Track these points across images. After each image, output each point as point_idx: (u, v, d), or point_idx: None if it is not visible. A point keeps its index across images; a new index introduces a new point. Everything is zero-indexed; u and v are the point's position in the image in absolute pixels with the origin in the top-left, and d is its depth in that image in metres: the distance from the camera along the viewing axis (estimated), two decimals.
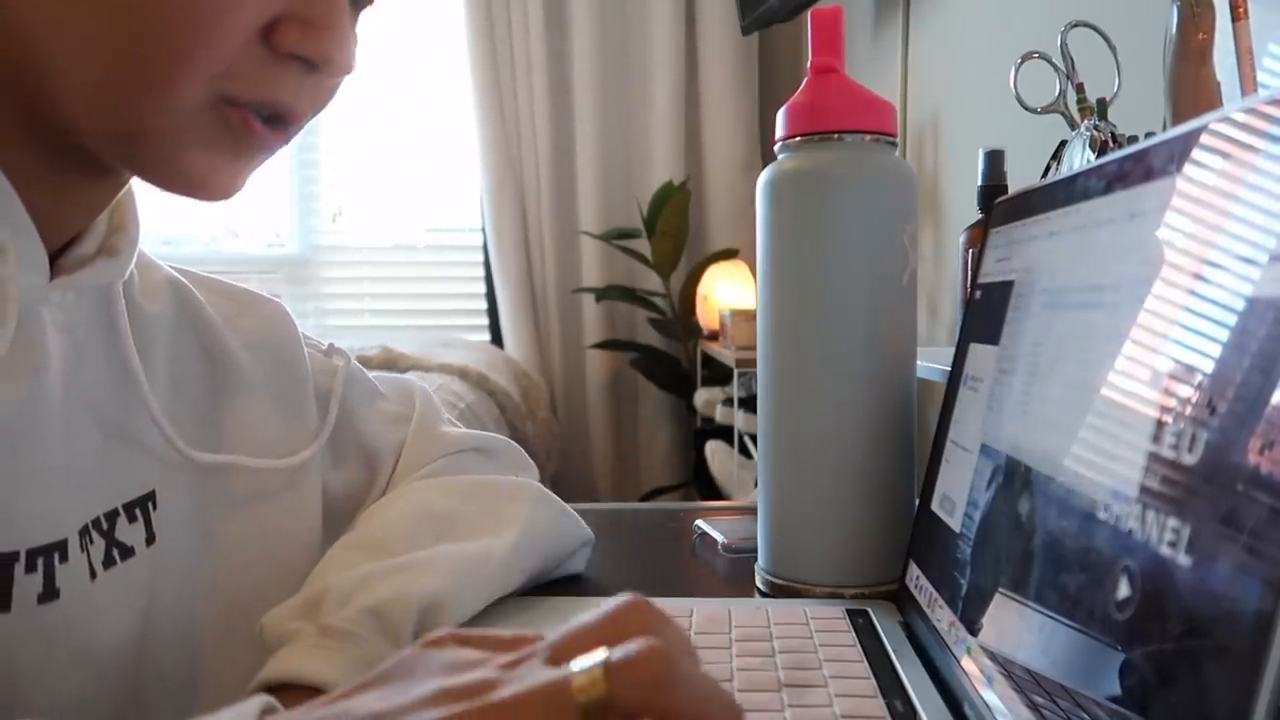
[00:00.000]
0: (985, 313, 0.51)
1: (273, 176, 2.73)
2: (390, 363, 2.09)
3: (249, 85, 0.43)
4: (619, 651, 0.27)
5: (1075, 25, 0.82)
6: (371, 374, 0.68)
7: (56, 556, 0.45)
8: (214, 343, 0.58)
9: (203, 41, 0.41)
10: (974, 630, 0.41)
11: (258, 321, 0.62)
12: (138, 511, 0.51)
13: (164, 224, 2.74)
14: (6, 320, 0.42)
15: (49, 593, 0.44)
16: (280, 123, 0.46)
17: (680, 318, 2.61)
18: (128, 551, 0.49)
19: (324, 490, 0.61)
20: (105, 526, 0.49)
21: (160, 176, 0.45)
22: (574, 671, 0.27)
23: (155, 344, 0.54)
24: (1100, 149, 0.76)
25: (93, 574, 0.47)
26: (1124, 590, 0.29)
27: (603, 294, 2.63)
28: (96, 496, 0.48)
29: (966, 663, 0.42)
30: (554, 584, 0.64)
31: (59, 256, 0.48)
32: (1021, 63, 0.87)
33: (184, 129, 0.43)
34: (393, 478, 0.64)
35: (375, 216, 2.86)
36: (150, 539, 0.51)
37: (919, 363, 0.62)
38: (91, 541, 0.47)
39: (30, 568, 0.44)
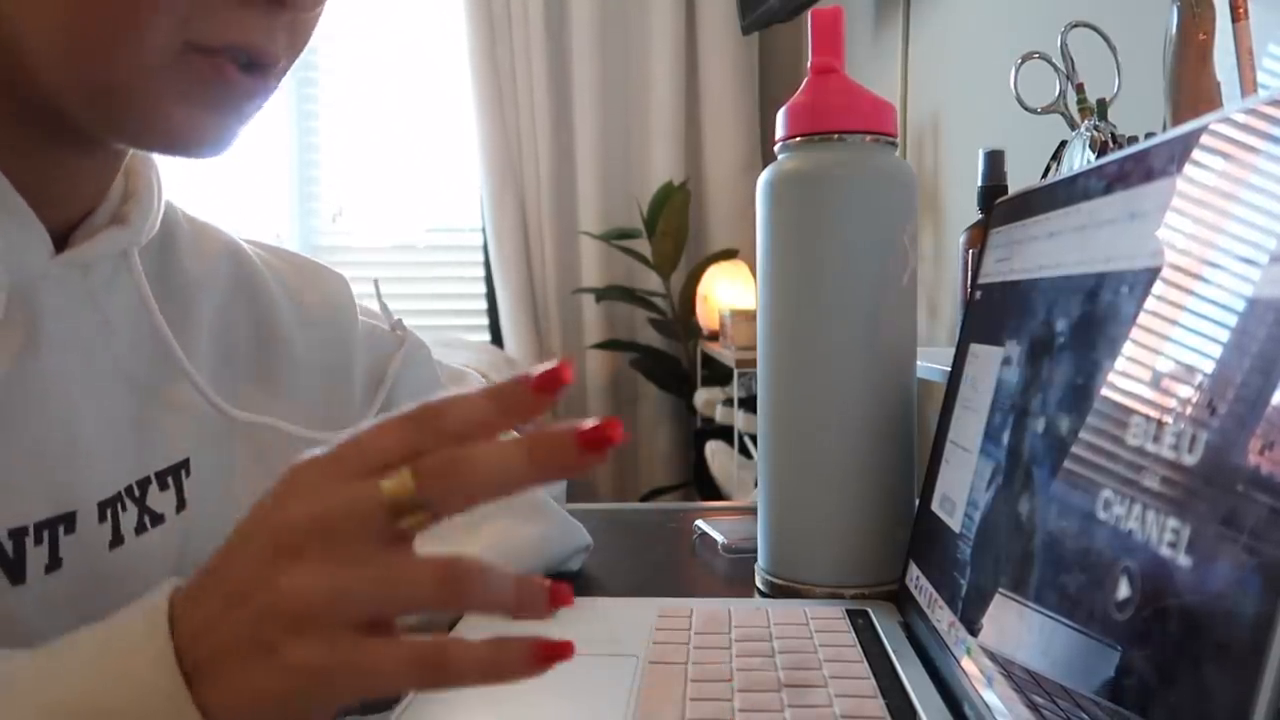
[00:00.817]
0: (985, 313, 0.51)
1: (273, 176, 2.74)
2: None
3: (216, 28, 0.43)
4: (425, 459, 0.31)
5: (1075, 25, 0.82)
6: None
7: (62, 529, 0.46)
8: (266, 311, 0.59)
9: None
10: (974, 630, 0.41)
11: (319, 295, 0.63)
12: (169, 479, 0.52)
13: None
14: None
15: (54, 563, 0.45)
16: (258, 68, 0.45)
17: (680, 318, 2.61)
18: (158, 519, 0.50)
19: None
20: (138, 494, 0.50)
21: (146, 136, 0.45)
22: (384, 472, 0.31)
23: (199, 306, 0.55)
24: (1100, 149, 0.76)
25: (118, 541, 0.48)
26: (1124, 590, 0.29)
27: (603, 294, 2.63)
28: (125, 466, 0.49)
29: (966, 663, 0.42)
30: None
31: (73, 231, 0.48)
32: (1021, 63, 0.87)
33: (157, 83, 0.43)
34: None
35: (375, 216, 2.86)
36: (181, 505, 0.52)
37: (919, 363, 0.62)
38: (124, 509, 0.48)
39: (38, 540, 0.44)
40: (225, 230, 0.60)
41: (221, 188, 2.59)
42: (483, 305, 2.85)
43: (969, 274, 0.93)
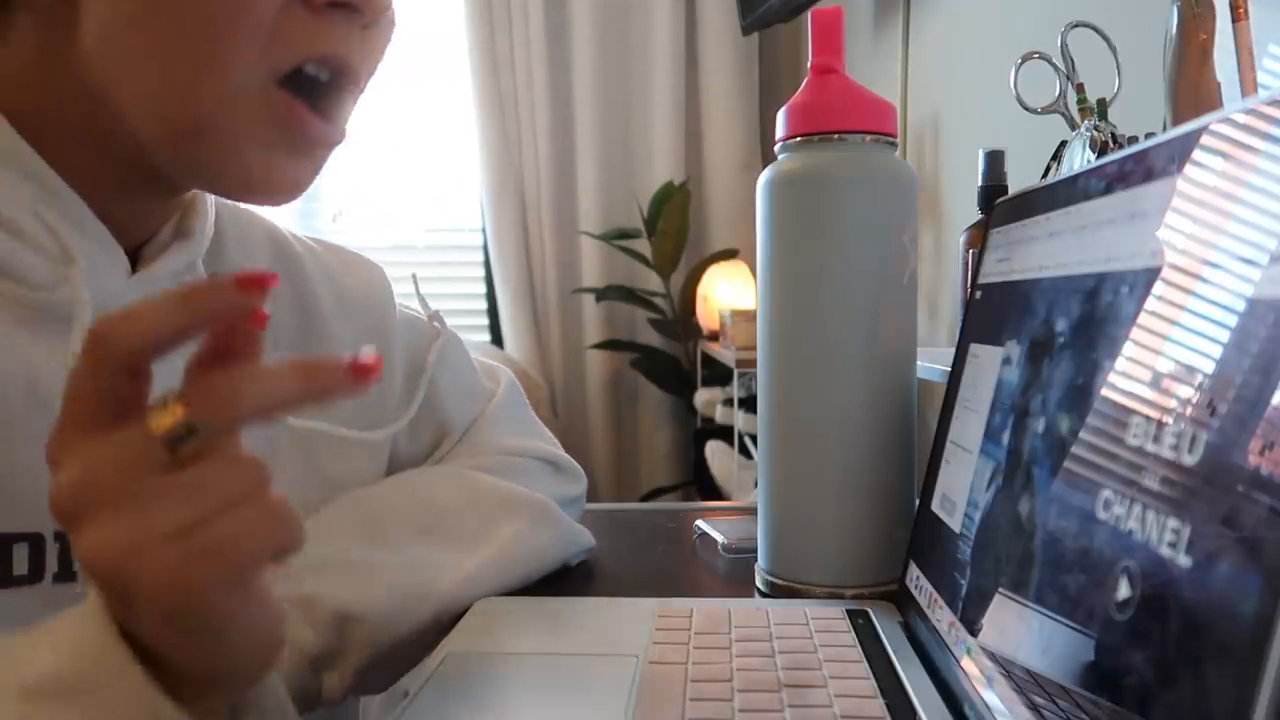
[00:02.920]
0: (985, 313, 0.51)
1: None
2: None
3: (297, 45, 0.44)
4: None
5: (1075, 25, 0.82)
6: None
7: None
8: (307, 295, 0.60)
9: (241, 10, 0.42)
10: (974, 631, 0.41)
11: (357, 281, 0.65)
12: None
13: None
14: (81, 327, 0.44)
15: (65, 574, 0.45)
16: (335, 90, 0.46)
17: (680, 318, 2.61)
18: None
19: (396, 453, 0.65)
20: None
21: (224, 179, 0.47)
22: (148, 411, 0.31)
23: None
24: (1100, 149, 0.76)
25: None
26: (1124, 591, 0.29)
27: (603, 294, 2.63)
28: None
29: (966, 663, 0.42)
30: (555, 584, 0.64)
31: (141, 248, 0.51)
32: (1022, 63, 0.87)
33: (242, 122, 0.44)
34: (452, 451, 0.68)
35: (375, 216, 2.86)
36: None
37: (919, 363, 0.62)
38: None
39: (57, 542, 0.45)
40: (263, 215, 0.61)
41: None
42: (483, 305, 2.85)
43: (969, 274, 0.93)
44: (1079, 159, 0.78)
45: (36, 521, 0.44)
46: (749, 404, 2.05)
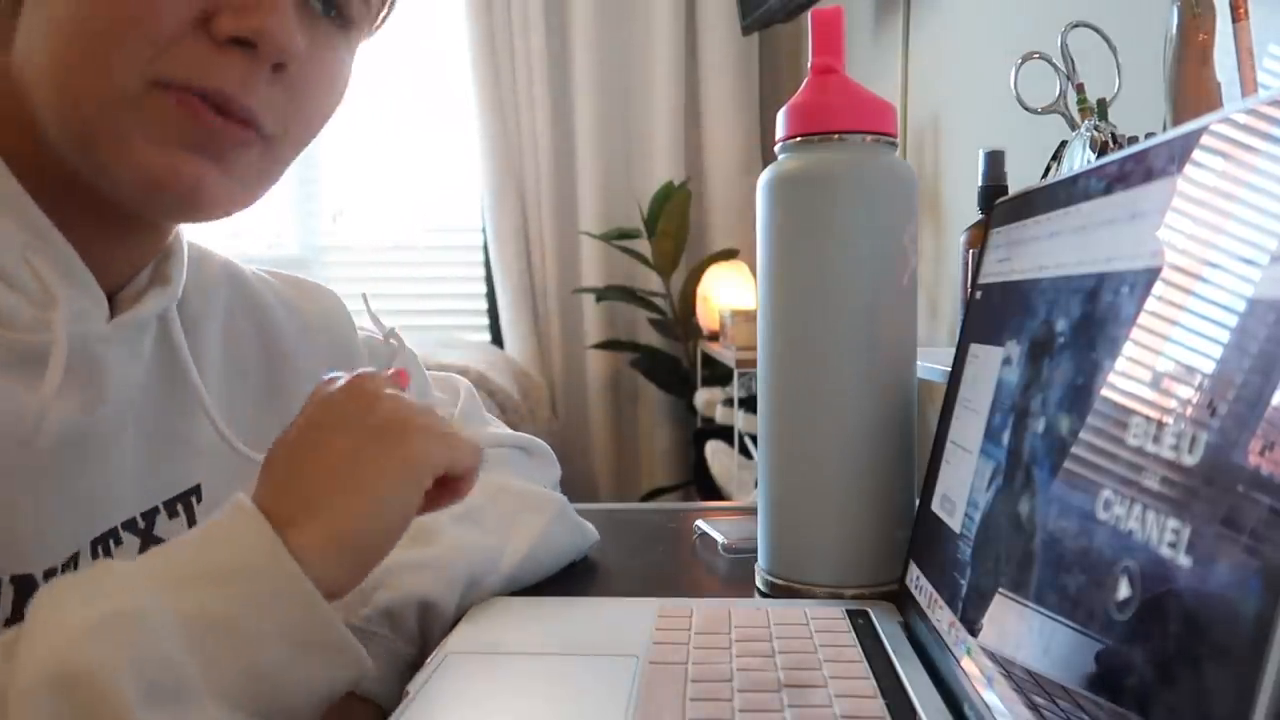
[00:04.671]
0: (985, 313, 0.51)
1: None
2: None
3: (184, 67, 0.44)
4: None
5: (1075, 25, 0.82)
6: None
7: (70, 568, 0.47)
8: (269, 327, 0.61)
9: (134, 21, 0.42)
10: (974, 631, 0.41)
11: (316, 306, 0.66)
12: (179, 506, 0.54)
13: None
14: (56, 366, 0.45)
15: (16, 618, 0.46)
16: (233, 115, 0.45)
17: (680, 318, 2.61)
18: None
19: None
20: (141, 525, 0.51)
21: (128, 182, 0.45)
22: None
23: (207, 333, 0.57)
24: (1100, 149, 0.76)
25: None
26: (1124, 591, 0.29)
27: (603, 294, 2.63)
28: (130, 501, 0.51)
29: (966, 663, 0.42)
30: (554, 584, 0.64)
31: (117, 292, 0.51)
32: (1022, 63, 0.87)
33: (123, 121, 0.44)
34: None
35: (375, 216, 2.86)
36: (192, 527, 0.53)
37: (919, 363, 0.62)
38: (120, 543, 0.50)
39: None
40: (215, 252, 0.61)
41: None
42: (483, 305, 2.85)
43: (969, 274, 0.93)
44: (1079, 159, 0.78)
45: (18, 562, 0.45)
46: (749, 404, 2.05)
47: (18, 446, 0.44)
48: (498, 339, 2.79)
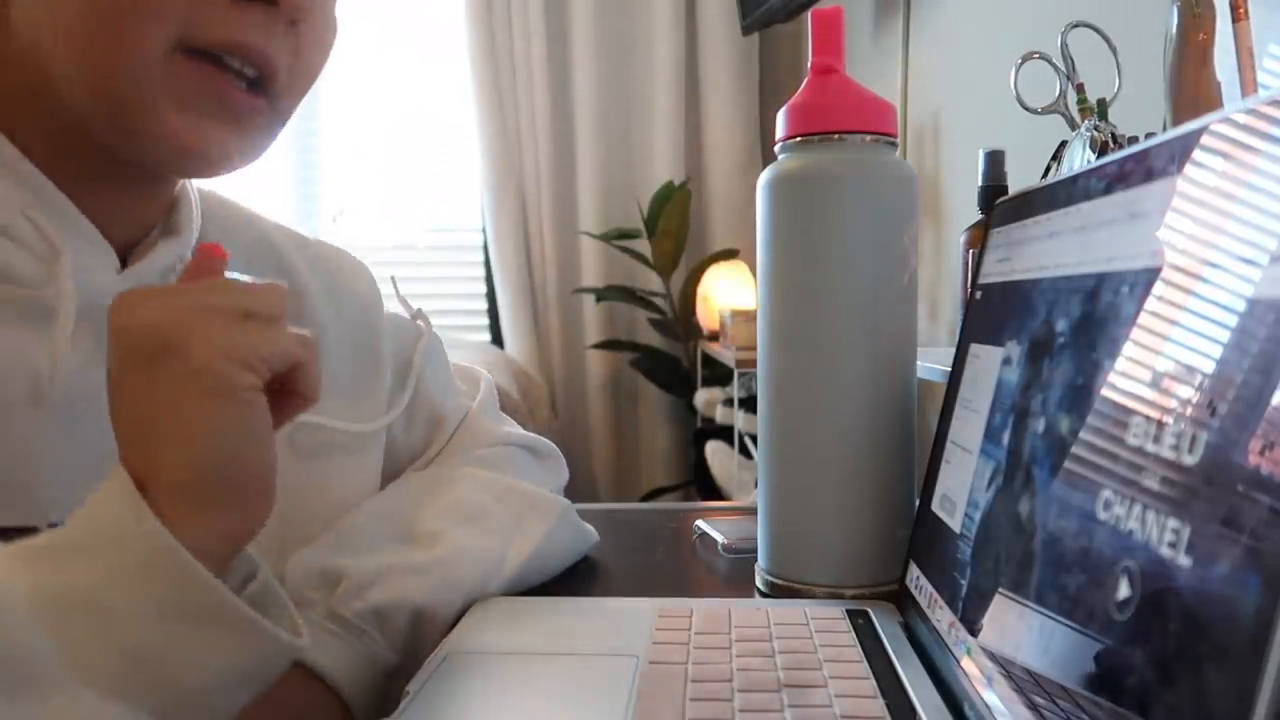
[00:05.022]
0: (985, 313, 0.51)
1: (273, 176, 2.73)
2: None
3: (210, 27, 0.44)
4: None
5: (1075, 25, 0.82)
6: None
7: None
8: (298, 296, 0.61)
9: None
10: (974, 631, 0.41)
11: (346, 277, 0.66)
12: None
13: None
14: (66, 316, 0.45)
15: None
16: (258, 79, 0.47)
17: (680, 318, 2.61)
18: None
19: (393, 449, 0.65)
20: None
21: (154, 148, 0.47)
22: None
23: None
24: (1100, 149, 0.76)
25: None
26: (1124, 591, 0.29)
27: (603, 294, 2.63)
28: None
29: (966, 663, 0.42)
30: (554, 584, 0.64)
31: (133, 249, 0.51)
32: (1022, 63, 0.87)
33: (152, 89, 0.45)
34: (448, 446, 0.69)
35: (375, 216, 2.86)
36: None
37: (919, 363, 0.62)
38: None
39: None
40: (261, 218, 0.63)
41: (221, 189, 2.59)
42: (483, 305, 2.85)
43: (969, 274, 0.93)
44: (1079, 159, 0.78)
45: (33, 514, 0.44)
46: (749, 404, 2.05)
47: (30, 398, 0.44)
48: (498, 339, 2.79)
